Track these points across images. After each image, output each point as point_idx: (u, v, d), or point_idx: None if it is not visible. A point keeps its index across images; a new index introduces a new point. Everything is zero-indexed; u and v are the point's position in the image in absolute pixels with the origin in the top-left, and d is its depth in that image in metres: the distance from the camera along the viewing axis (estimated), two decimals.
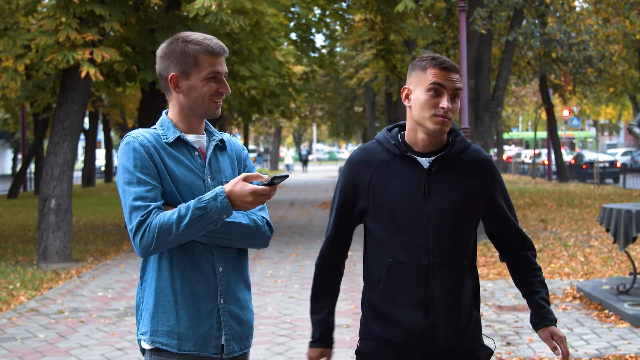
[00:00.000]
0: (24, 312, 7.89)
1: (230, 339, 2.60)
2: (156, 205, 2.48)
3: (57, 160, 11.09)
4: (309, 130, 76.29)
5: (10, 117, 33.72)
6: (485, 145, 15.36)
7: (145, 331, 2.57)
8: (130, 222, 2.47)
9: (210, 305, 2.57)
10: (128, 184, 2.50)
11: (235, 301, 2.63)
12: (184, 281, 2.55)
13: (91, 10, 10.39)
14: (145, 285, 2.60)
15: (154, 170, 2.52)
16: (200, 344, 2.56)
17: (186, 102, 2.60)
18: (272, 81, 17.96)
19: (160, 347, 2.55)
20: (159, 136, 2.59)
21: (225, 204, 2.46)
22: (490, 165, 2.69)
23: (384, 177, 2.63)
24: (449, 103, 2.55)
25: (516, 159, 45.81)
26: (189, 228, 2.45)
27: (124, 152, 2.55)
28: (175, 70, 2.57)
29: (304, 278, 9.63)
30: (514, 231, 2.75)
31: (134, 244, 2.48)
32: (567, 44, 19.83)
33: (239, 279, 2.65)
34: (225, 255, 2.61)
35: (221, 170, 2.66)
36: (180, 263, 2.56)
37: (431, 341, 2.60)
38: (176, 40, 2.60)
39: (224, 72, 2.61)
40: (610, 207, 7.71)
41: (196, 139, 2.64)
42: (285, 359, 6.00)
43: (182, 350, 2.54)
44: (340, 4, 19.49)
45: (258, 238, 2.64)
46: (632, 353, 5.88)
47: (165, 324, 2.55)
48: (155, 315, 2.56)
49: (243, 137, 43.66)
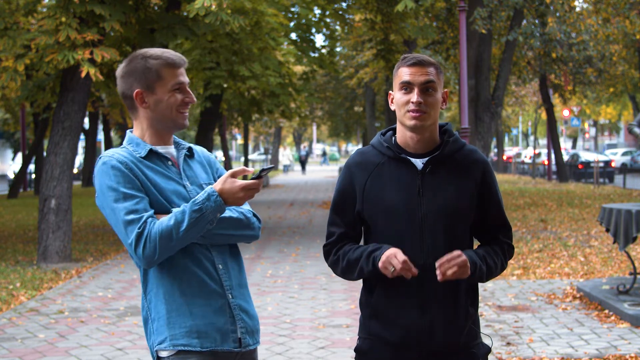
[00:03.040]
0: (24, 312, 7.88)
1: (245, 332, 2.64)
2: (149, 215, 2.50)
3: (57, 160, 11.09)
4: (309, 130, 76.28)
5: (10, 117, 33.69)
6: (485, 145, 15.37)
7: (164, 339, 2.57)
8: (128, 236, 2.48)
9: (221, 301, 2.60)
10: (115, 201, 2.51)
11: (242, 296, 2.67)
12: (191, 281, 2.58)
13: (91, 10, 10.39)
14: (150, 297, 2.61)
15: (137, 183, 2.54)
16: (220, 339, 2.58)
17: (154, 116, 2.63)
18: (272, 81, 17.96)
19: (182, 349, 2.56)
20: (131, 153, 2.62)
21: (219, 203, 2.51)
22: (483, 165, 2.70)
23: (379, 180, 2.65)
24: (419, 97, 2.58)
25: (516, 159, 45.82)
26: (188, 231, 2.48)
27: (102, 172, 2.55)
28: (139, 87, 2.61)
29: (304, 278, 9.63)
30: (500, 233, 2.75)
31: (136, 257, 2.49)
32: (567, 44, 19.84)
33: (239, 276, 2.69)
34: (222, 254, 2.65)
35: (196, 175, 2.71)
36: (181, 266, 2.58)
37: (429, 340, 2.62)
38: (135, 58, 2.64)
39: (186, 82, 2.66)
40: (610, 207, 7.71)
41: (166, 150, 2.69)
42: (285, 359, 6.00)
43: (204, 347, 2.56)
44: (340, 4, 19.48)
45: (250, 229, 2.69)
46: (632, 353, 5.87)
47: (182, 325, 2.56)
48: (170, 320, 2.57)
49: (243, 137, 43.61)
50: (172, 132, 2.71)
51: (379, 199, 2.64)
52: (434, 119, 2.63)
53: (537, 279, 9.16)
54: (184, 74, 2.66)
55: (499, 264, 2.69)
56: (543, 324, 6.93)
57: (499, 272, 2.71)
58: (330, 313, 7.57)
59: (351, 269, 2.66)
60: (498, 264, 2.68)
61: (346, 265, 2.67)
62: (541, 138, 59.71)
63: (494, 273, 2.68)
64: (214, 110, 21.01)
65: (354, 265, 2.64)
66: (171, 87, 2.61)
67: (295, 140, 79.17)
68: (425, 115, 2.59)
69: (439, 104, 2.63)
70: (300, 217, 18.34)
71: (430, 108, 2.60)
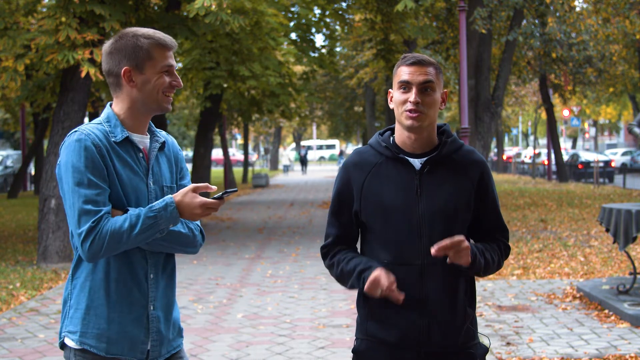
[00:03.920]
0: (24, 312, 7.89)
1: (157, 344, 2.63)
2: (106, 211, 2.47)
3: (57, 160, 11.08)
4: (309, 130, 76.26)
5: (10, 117, 33.67)
6: (485, 145, 15.37)
7: (75, 330, 2.57)
8: (79, 226, 2.45)
9: (140, 311, 2.60)
10: (77, 185, 2.47)
11: (164, 307, 2.66)
12: (119, 285, 2.56)
13: (91, 10, 10.39)
14: (76, 282, 2.59)
15: (104, 173, 2.50)
16: (128, 348, 2.58)
17: (139, 96, 2.58)
18: (272, 81, 17.96)
19: (87, 349, 2.56)
20: (107, 134, 2.56)
21: (174, 214, 2.50)
22: (481, 166, 2.70)
23: (377, 180, 2.65)
24: (416, 97, 2.58)
25: (516, 158, 45.83)
26: (138, 236, 2.47)
27: (73, 149, 2.49)
28: (128, 65, 2.56)
29: (304, 278, 9.63)
30: (496, 234, 2.74)
31: (80, 249, 2.46)
32: (567, 44, 19.85)
33: (167, 283, 2.69)
34: (156, 262, 2.64)
35: (162, 174, 2.68)
36: (116, 267, 2.56)
37: (426, 341, 2.62)
38: (125, 35, 2.59)
39: (175, 65, 2.62)
40: (610, 207, 7.71)
41: (140, 140, 2.64)
42: (285, 359, 6.00)
43: (110, 353, 2.56)
44: (340, 4, 19.49)
45: (193, 246, 2.70)
46: (632, 353, 5.88)
47: (96, 327, 2.56)
48: (87, 317, 2.56)
49: (243, 137, 43.61)
50: (151, 115, 2.65)
51: (376, 198, 2.64)
52: (432, 119, 2.63)
53: (537, 279, 9.16)
54: (173, 57, 2.62)
55: (496, 260, 2.69)
56: (543, 323, 6.93)
57: (495, 269, 2.70)
58: (330, 313, 7.57)
59: (344, 280, 2.68)
60: (495, 259, 2.68)
61: (339, 275, 2.69)
62: (541, 138, 59.74)
63: (491, 269, 2.67)
64: (214, 110, 21.01)
65: (347, 278, 2.66)
66: (160, 68, 2.57)
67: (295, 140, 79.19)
68: (422, 115, 2.59)
69: (437, 104, 2.63)
70: (300, 217, 18.34)
71: (427, 108, 2.59)
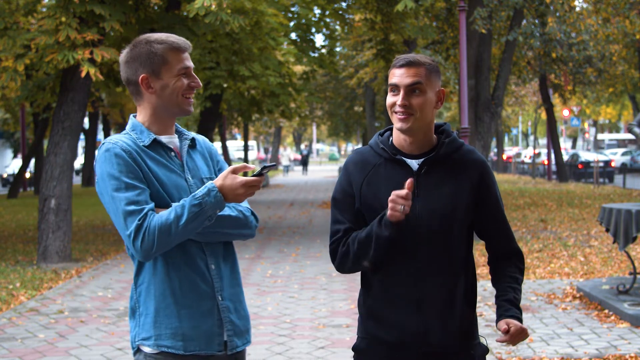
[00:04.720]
0: (24, 312, 7.89)
1: (232, 334, 2.62)
2: (150, 208, 2.48)
3: (56, 160, 11.10)
4: (309, 130, 76.26)
5: (10, 117, 33.69)
6: (485, 145, 15.36)
7: (148, 336, 2.56)
8: (127, 227, 2.45)
9: (209, 303, 2.58)
10: (116, 190, 2.48)
11: (232, 297, 2.65)
12: (182, 281, 2.56)
13: (91, 10, 10.39)
14: (141, 289, 2.59)
15: (139, 174, 2.51)
16: (204, 342, 2.57)
17: (159, 101, 2.60)
18: (272, 81, 17.96)
19: (165, 351, 2.55)
20: (135, 140, 2.58)
21: (219, 199, 2.49)
22: (481, 166, 2.68)
23: (375, 181, 2.65)
24: (404, 100, 2.57)
25: (516, 158, 45.83)
26: (187, 226, 2.46)
27: (105, 159, 2.51)
28: (144, 72, 2.57)
29: (304, 278, 9.63)
30: (502, 238, 2.74)
31: (133, 249, 2.47)
32: (567, 44, 19.84)
33: (231, 275, 2.67)
34: (215, 253, 2.63)
35: (198, 168, 2.68)
36: (176, 264, 2.56)
37: (425, 341, 2.61)
38: (139, 43, 2.60)
39: (192, 66, 2.63)
40: (610, 207, 7.71)
41: (169, 140, 2.65)
42: (285, 359, 6.00)
43: (188, 350, 2.55)
44: (340, 4, 19.49)
45: (247, 228, 2.67)
46: (632, 353, 5.88)
47: (169, 327, 2.55)
48: (158, 319, 2.55)
49: (243, 137, 43.60)
50: (174, 119, 2.67)
51: (374, 199, 2.63)
52: (424, 120, 2.60)
53: (537, 278, 9.16)
54: (189, 59, 2.62)
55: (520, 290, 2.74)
56: (543, 323, 6.93)
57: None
58: (330, 313, 7.57)
59: (365, 247, 2.58)
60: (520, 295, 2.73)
61: (358, 247, 2.59)
62: (541, 138, 59.72)
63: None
64: (214, 110, 21.01)
65: (368, 242, 2.57)
66: (177, 71, 2.58)
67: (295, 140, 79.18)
68: (411, 117, 2.57)
69: (428, 104, 2.60)
70: (300, 217, 18.34)
71: (417, 110, 2.57)
